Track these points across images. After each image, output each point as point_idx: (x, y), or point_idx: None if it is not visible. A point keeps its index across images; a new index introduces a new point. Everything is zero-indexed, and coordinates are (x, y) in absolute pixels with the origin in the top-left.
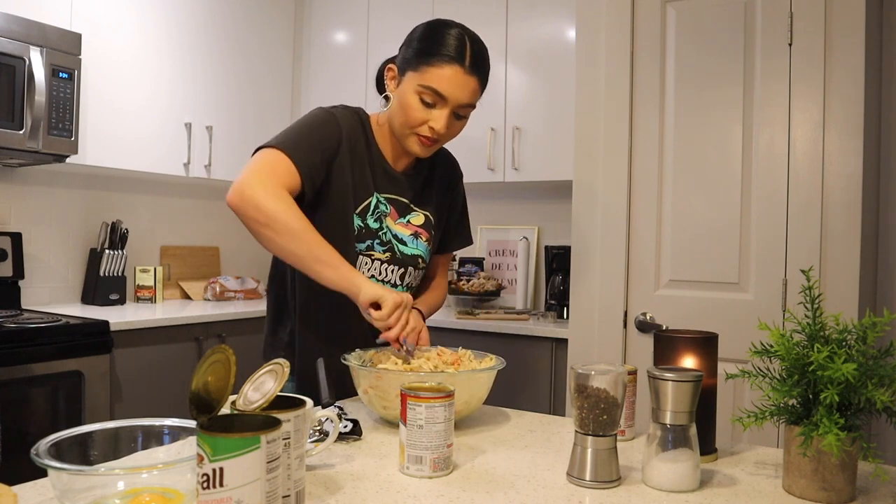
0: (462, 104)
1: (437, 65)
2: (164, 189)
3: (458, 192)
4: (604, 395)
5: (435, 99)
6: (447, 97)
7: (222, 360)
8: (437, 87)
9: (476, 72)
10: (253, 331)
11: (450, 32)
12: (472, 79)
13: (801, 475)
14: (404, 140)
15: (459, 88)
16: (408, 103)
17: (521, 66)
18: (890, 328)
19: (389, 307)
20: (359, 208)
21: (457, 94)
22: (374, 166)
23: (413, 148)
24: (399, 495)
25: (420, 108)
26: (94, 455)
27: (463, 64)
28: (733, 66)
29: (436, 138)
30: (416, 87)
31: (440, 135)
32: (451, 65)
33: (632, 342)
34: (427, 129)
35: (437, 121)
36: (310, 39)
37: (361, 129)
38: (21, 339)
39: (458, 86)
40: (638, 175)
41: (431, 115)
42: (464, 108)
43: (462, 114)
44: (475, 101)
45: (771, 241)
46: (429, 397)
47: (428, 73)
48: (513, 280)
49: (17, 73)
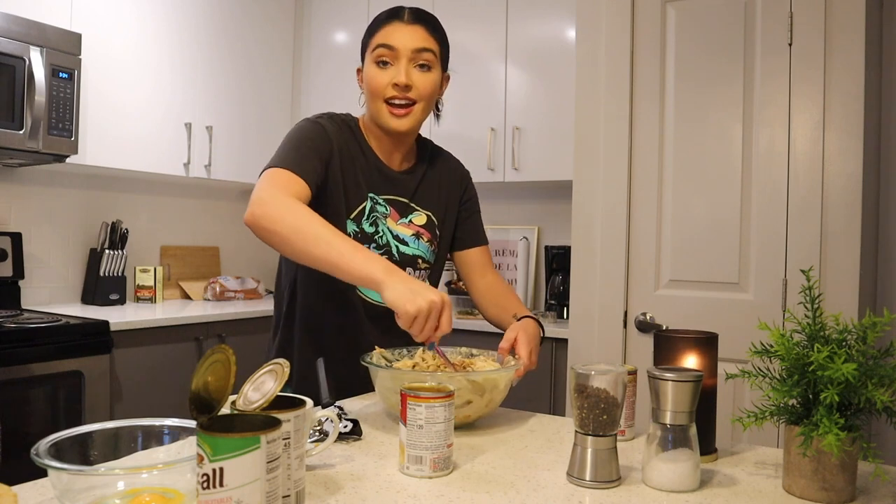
0: (415, 49)
1: (379, 28)
2: (164, 189)
3: (469, 191)
4: (604, 395)
5: (386, 54)
6: (395, 46)
7: (222, 360)
8: (384, 41)
9: (416, 20)
10: (253, 331)
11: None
12: (415, 27)
13: (801, 475)
14: (379, 118)
15: (405, 36)
16: (368, 74)
17: (521, 66)
18: (890, 328)
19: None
20: (353, 214)
21: (404, 41)
22: (368, 169)
23: (387, 121)
24: (399, 495)
25: (379, 73)
26: (94, 455)
27: (401, 18)
28: (733, 65)
29: (405, 99)
30: (370, 56)
31: (407, 90)
32: (390, 22)
33: (632, 342)
34: (392, 89)
35: (397, 74)
36: (310, 39)
37: (351, 133)
38: (21, 339)
39: (402, 34)
40: (638, 175)
41: (389, 73)
42: (422, 55)
43: (424, 61)
44: (429, 45)
45: (771, 240)
46: (429, 397)
47: (374, 39)
48: (513, 280)
49: (17, 73)
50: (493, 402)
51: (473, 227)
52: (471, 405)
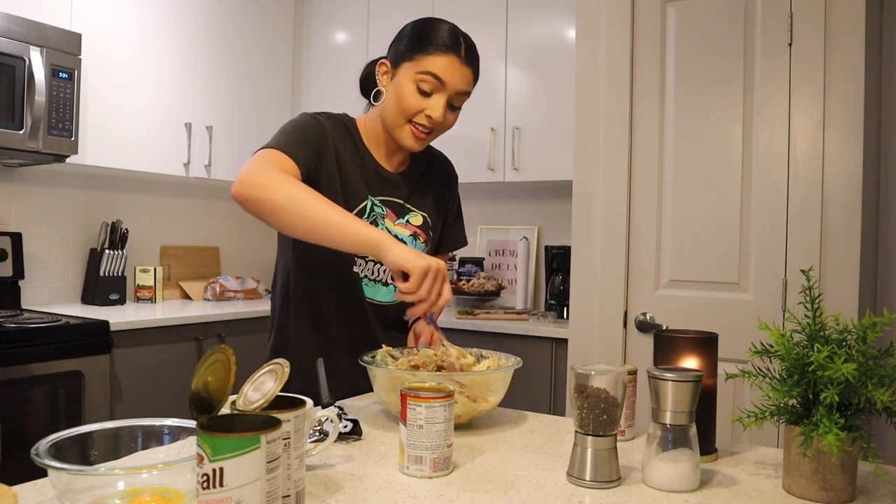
0: (459, 91)
1: (435, 53)
2: (164, 189)
3: (455, 194)
4: (604, 395)
5: (433, 86)
6: (446, 83)
7: (222, 360)
8: (437, 72)
9: (470, 63)
10: (253, 331)
11: (442, 26)
12: (467, 69)
13: (801, 475)
14: (397, 132)
15: (457, 76)
16: (404, 93)
17: (521, 66)
18: (890, 328)
19: (417, 277)
20: (352, 213)
21: (455, 81)
22: (365, 170)
23: (406, 140)
24: (399, 495)
25: (416, 97)
26: (94, 455)
27: (459, 54)
28: (733, 66)
29: (430, 129)
30: (414, 75)
31: (436, 124)
32: (448, 54)
33: (632, 342)
34: (424, 118)
35: (434, 109)
36: (310, 39)
37: (348, 133)
38: (21, 339)
39: (455, 73)
40: (638, 175)
41: (428, 104)
42: (459, 97)
43: (456, 104)
44: (470, 89)
45: (771, 241)
46: (429, 397)
47: (426, 61)
48: (513, 280)
49: (17, 73)
50: (487, 402)
51: (456, 232)
52: (457, 405)
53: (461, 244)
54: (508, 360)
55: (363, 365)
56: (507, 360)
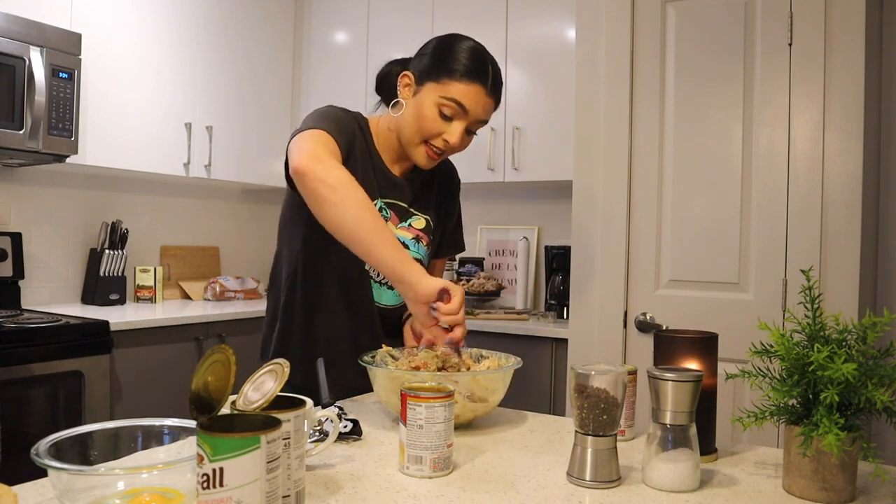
0: (479, 120)
1: (462, 80)
2: (164, 189)
3: (457, 200)
4: (604, 395)
5: (455, 112)
6: (469, 112)
7: (222, 360)
8: (462, 100)
9: (494, 93)
10: (253, 331)
11: (473, 49)
12: (490, 100)
13: (801, 475)
14: (411, 149)
15: (480, 106)
16: (425, 114)
17: (521, 66)
18: (890, 328)
19: (460, 298)
20: None
21: (477, 111)
22: (375, 171)
23: (419, 159)
24: (399, 495)
25: (437, 120)
26: (94, 455)
27: (486, 84)
28: (733, 66)
29: (444, 150)
30: (438, 98)
31: (451, 148)
32: (475, 83)
33: (632, 342)
34: (440, 141)
35: (452, 134)
36: (310, 39)
37: (361, 133)
38: (21, 339)
39: (479, 103)
40: (638, 175)
41: (447, 128)
42: (477, 124)
43: (474, 129)
44: (489, 118)
45: (771, 241)
46: (429, 397)
47: (452, 87)
48: (513, 280)
49: (17, 73)
50: (487, 402)
51: (455, 236)
52: (457, 405)
53: (460, 249)
54: (508, 360)
55: (363, 365)
56: (507, 360)
